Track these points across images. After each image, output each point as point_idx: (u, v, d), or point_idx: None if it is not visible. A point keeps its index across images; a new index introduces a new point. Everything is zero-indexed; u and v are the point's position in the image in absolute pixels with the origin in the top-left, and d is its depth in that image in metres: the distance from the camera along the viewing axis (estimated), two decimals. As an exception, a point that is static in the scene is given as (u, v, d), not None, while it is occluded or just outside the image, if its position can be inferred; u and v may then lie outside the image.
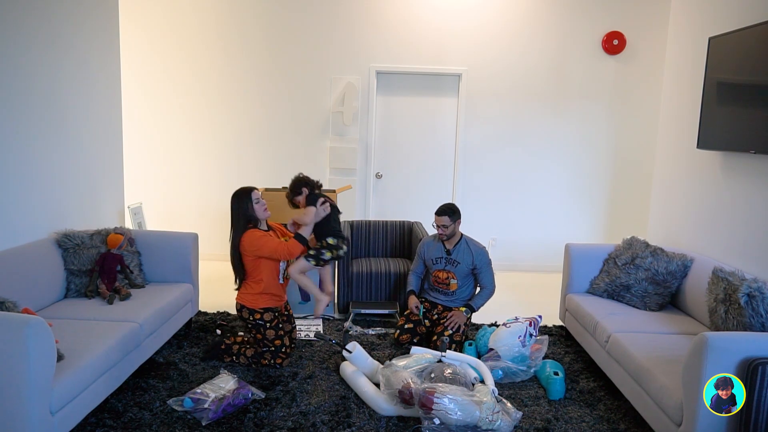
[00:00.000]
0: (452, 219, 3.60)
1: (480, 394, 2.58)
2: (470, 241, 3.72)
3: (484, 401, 2.53)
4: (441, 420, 2.48)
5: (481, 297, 3.69)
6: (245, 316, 3.29)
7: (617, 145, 5.68)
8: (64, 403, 2.27)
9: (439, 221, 3.63)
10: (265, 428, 2.61)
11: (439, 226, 3.63)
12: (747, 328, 2.51)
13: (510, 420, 2.58)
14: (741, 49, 3.07)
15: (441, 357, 3.01)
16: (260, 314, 3.26)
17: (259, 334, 3.27)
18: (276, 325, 3.29)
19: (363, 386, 2.93)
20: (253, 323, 3.27)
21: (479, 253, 3.67)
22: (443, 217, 3.60)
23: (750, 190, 3.14)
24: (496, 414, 2.51)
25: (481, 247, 3.71)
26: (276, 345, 3.27)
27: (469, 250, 3.67)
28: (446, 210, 3.61)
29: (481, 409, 2.49)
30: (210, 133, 5.67)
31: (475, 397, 2.56)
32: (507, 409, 2.63)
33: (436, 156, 5.78)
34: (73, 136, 3.63)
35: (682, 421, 2.24)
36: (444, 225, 3.61)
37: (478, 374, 2.94)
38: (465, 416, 2.47)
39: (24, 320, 2.06)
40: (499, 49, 5.53)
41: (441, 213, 3.62)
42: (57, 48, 3.43)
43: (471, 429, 2.51)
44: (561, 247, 5.82)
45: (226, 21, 5.50)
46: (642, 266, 3.46)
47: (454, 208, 3.63)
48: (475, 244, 3.71)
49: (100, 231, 3.50)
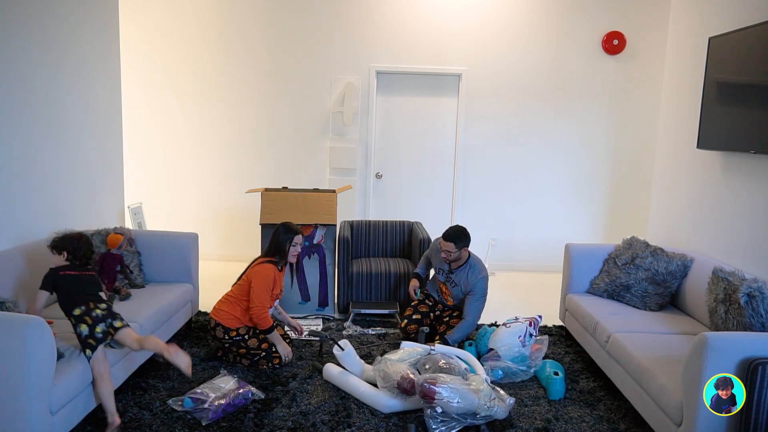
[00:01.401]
0: (458, 246, 3.44)
1: (476, 383, 2.66)
2: (474, 267, 3.55)
3: (481, 389, 2.61)
4: (443, 408, 2.56)
5: (459, 331, 3.42)
6: (219, 336, 3.23)
7: (617, 145, 5.68)
8: (64, 403, 2.26)
9: (444, 246, 3.47)
10: (265, 428, 2.61)
11: (444, 250, 3.49)
12: (747, 328, 2.51)
13: (505, 405, 2.66)
14: (741, 49, 3.07)
15: (430, 350, 3.03)
16: (235, 331, 3.23)
17: (242, 349, 3.24)
18: (254, 333, 3.26)
19: (359, 386, 2.92)
20: (230, 341, 3.23)
21: (475, 282, 3.49)
22: (449, 244, 3.44)
23: (750, 190, 3.14)
24: (492, 401, 2.60)
25: (480, 277, 3.51)
26: (264, 349, 3.24)
27: (468, 277, 3.53)
28: (453, 236, 3.44)
29: (479, 396, 2.58)
30: (210, 133, 5.67)
31: (472, 385, 2.64)
32: (501, 396, 2.71)
33: (436, 156, 5.78)
34: (73, 136, 3.63)
35: (682, 421, 2.24)
36: (448, 251, 3.47)
37: (468, 366, 2.98)
38: (465, 404, 2.55)
39: (24, 320, 2.06)
40: (499, 49, 5.54)
41: (447, 238, 3.45)
42: (57, 48, 3.43)
43: (470, 415, 2.59)
44: (561, 247, 5.82)
45: (226, 21, 5.50)
46: (642, 266, 3.46)
47: (461, 236, 3.46)
48: (476, 273, 3.52)
49: (100, 231, 3.50)
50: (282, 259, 3.33)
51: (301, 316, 4.18)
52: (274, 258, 3.31)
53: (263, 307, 3.17)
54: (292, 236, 3.31)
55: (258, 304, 3.16)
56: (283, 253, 3.31)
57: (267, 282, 3.19)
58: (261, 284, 3.18)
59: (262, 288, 3.18)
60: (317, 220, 4.13)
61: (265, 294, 3.19)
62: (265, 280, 3.19)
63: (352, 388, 2.93)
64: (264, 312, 3.17)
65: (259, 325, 3.19)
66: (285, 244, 3.30)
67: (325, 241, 4.20)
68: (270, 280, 3.20)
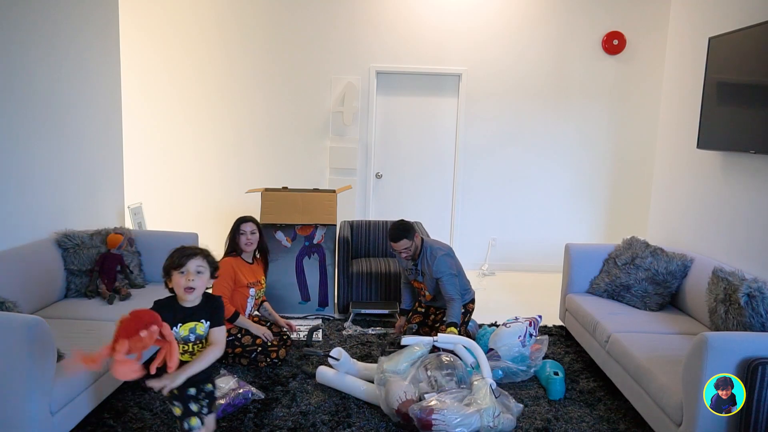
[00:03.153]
0: (410, 238, 3.35)
1: (479, 398, 2.56)
2: (430, 248, 3.43)
3: (483, 407, 2.51)
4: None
5: (453, 310, 3.32)
6: None
7: (617, 145, 5.68)
8: (64, 403, 2.27)
9: (399, 246, 3.35)
10: (265, 428, 2.61)
11: (401, 250, 3.37)
12: (747, 328, 2.51)
13: (512, 417, 2.59)
14: (741, 49, 3.07)
15: (433, 342, 2.97)
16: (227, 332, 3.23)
17: (238, 348, 3.25)
18: (248, 331, 3.27)
19: (359, 386, 2.92)
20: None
21: (437, 263, 3.37)
22: (402, 242, 3.33)
23: (750, 190, 3.14)
24: (497, 418, 2.51)
25: (439, 255, 3.38)
26: (259, 344, 3.25)
27: (427, 261, 3.42)
28: (400, 233, 3.32)
29: (482, 416, 2.49)
30: (210, 133, 5.67)
31: (475, 403, 2.54)
32: (507, 403, 2.62)
33: (436, 156, 5.78)
34: (73, 136, 3.63)
35: (682, 421, 2.24)
36: (406, 248, 3.36)
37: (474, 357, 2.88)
38: (466, 427, 2.47)
39: (24, 320, 2.06)
40: (498, 49, 5.54)
41: (398, 238, 3.32)
42: (57, 48, 3.43)
43: None
44: (561, 247, 5.81)
45: (226, 21, 5.50)
46: (642, 266, 3.46)
47: (406, 228, 3.35)
48: (434, 253, 3.40)
49: (100, 231, 3.50)
50: (239, 251, 3.39)
51: (301, 316, 4.18)
52: (232, 253, 3.39)
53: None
54: (237, 225, 3.39)
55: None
56: (236, 245, 3.38)
57: (223, 274, 3.23)
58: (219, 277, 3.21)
59: (220, 281, 3.22)
60: (317, 220, 4.13)
61: (222, 285, 3.24)
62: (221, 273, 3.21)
63: (352, 388, 2.93)
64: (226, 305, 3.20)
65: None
66: (235, 236, 3.38)
67: (325, 241, 4.20)
68: (227, 273, 3.26)
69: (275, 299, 4.21)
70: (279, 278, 4.21)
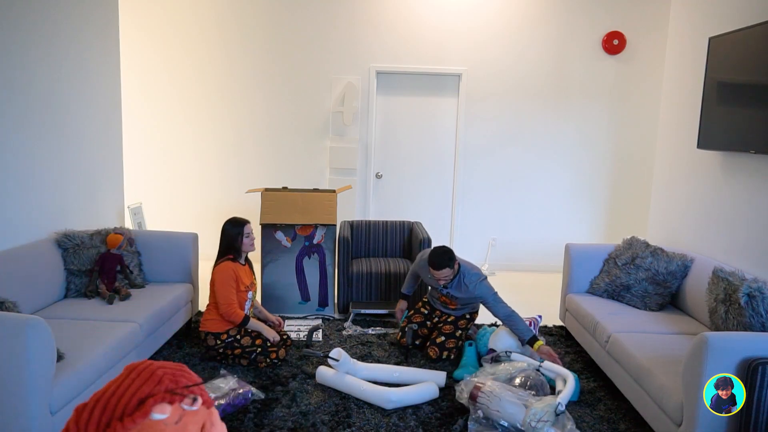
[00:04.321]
0: (452, 267, 3.26)
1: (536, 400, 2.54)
2: (467, 274, 3.38)
3: (532, 406, 2.49)
4: (483, 413, 2.57)
5: (520, 326, 3.22)
6: (212, 344, 3.25)
7: (617, 145, 5.68)
8: (64, 403, 2.26)
9: (439, 275, 3.26)
10: (265, 428, 2.61)
11: (439, 279, 3.29)
12: (747, 328, 2.51)
13: None
14: (741, 49, 3.07)
15: (539, 367, 2.90)
16: (225, 334, 3.25)
17: (237, 350, 3.25)
18: (246, 332, 3.28)
19: (359, 384, 2.92)
20: (223, 345, 3.25)
21: (480, 291, 3.33)
22: (443, 270, 3.24)
23: (750, 190, 3.14)
24: (541, 422, 2.45)
25: (478, 282, 3.34)
26: (259, 345, 3.26)
27: (463, 286, 3.38)
28: (443, 261, 3.22)
29: (528, 412, 2.47)
30: (210, 133, 5.67)
31: (527, 400, 2.54)
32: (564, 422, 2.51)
33: (436, 156, 5.78)
34: (73, 136, 3.63)
35: (682, 421, 2.24)
36: (446, 276, 3.28)
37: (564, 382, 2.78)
38: (505, 415, 2.50)
39: (24, 320, 2.06)
40: (498, 49, 5.54)
41: (440, 266, 3.22)
42: (57, 48, 3.43)
43: (514, 428, 2.52)
44: (561, 247, 5.82)
45: (226, 21, 5.50)
46: (642, 266, 3.46)
47: (449, 256, 3.25)
48: (474, 279, 3.35)
49: (100, 231, 3.50)
50: (237, 254, 3.35)
51: (301, 317, 4.18)
52: (230, 256, 3.33)
53: (230, 304, 3.21)
54: (241, 228, 3.33)
55: (224, 302, 3.20)
56: (236, 248, 3.33)
57: (228, 280, 3.22)
58: (223, 283, 3.22)
59: (225, 286, 3.21)
60: (317, 220, 4.13)
61: (229, 291, 3.22)
62: (225, 278, 3.23)
63: (355, 388, 2.94)
64: (232, 308, 3.20)
65: (233, 321, 3.23)
66: (236, 239, 3.32)
67: (325, 241, 4.20)
68: (230, 278, 3.23)
69: (275, 299, 4.22)
70: (279, 278, 4.21)
